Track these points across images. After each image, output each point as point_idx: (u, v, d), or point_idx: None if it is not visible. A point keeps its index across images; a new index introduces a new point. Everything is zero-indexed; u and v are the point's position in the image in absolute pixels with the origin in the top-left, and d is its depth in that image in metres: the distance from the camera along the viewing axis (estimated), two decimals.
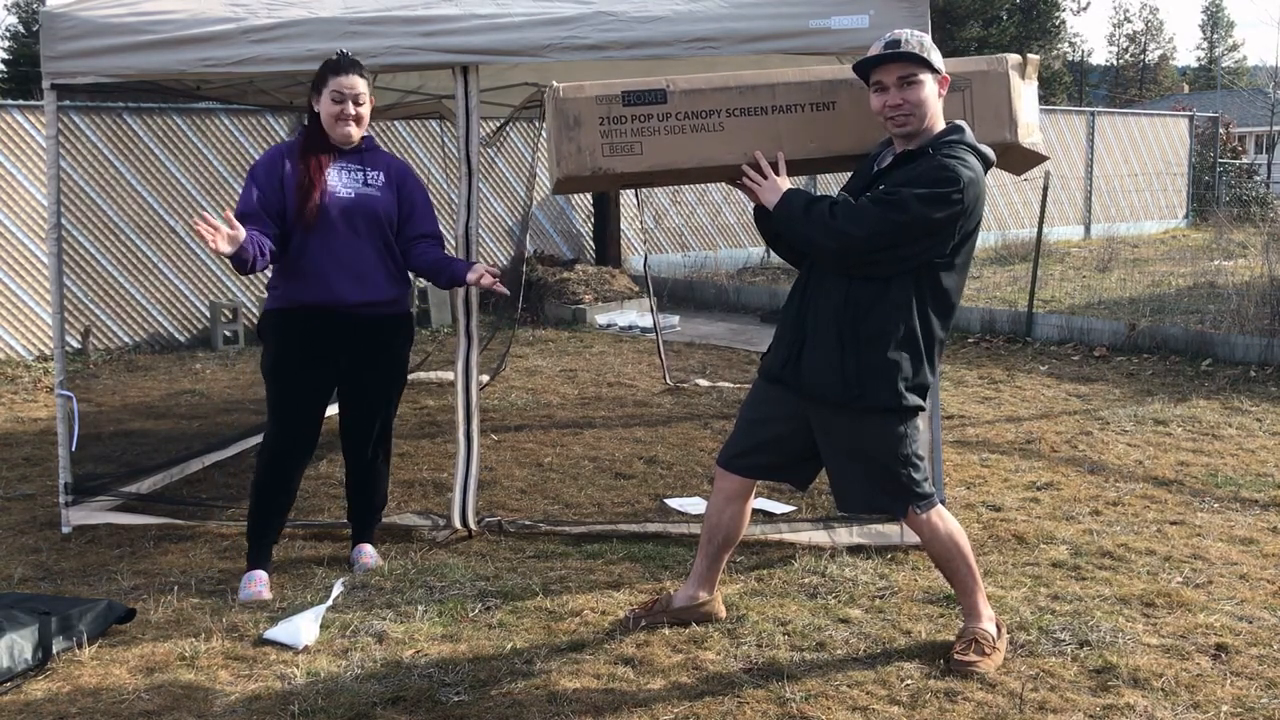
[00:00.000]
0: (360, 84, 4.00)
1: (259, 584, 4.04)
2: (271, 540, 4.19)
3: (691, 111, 3.41)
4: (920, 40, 3.25)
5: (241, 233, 3.71)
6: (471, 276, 3.97)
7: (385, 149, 4.26)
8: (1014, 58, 3.57)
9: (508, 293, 4.17)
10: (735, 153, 3.43)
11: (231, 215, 3.77)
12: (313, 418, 4.15)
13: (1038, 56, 3.63)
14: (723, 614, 3.77)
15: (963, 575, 3.50)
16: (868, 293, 3.27)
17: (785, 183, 3.40)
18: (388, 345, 4.19)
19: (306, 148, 4.04)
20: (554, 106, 3.42)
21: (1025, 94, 3.55)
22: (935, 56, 3.26)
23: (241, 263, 3.77)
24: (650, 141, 3.39)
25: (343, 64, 4.02)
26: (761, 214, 3.49)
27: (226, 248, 3.66)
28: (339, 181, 4.03)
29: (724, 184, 3.62)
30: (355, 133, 4.03)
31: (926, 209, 3.15)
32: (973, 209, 3.23)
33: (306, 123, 4.13)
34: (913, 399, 3.32)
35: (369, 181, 4.08)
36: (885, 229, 3.18)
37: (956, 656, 3.39)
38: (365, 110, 4.03)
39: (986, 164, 3.32)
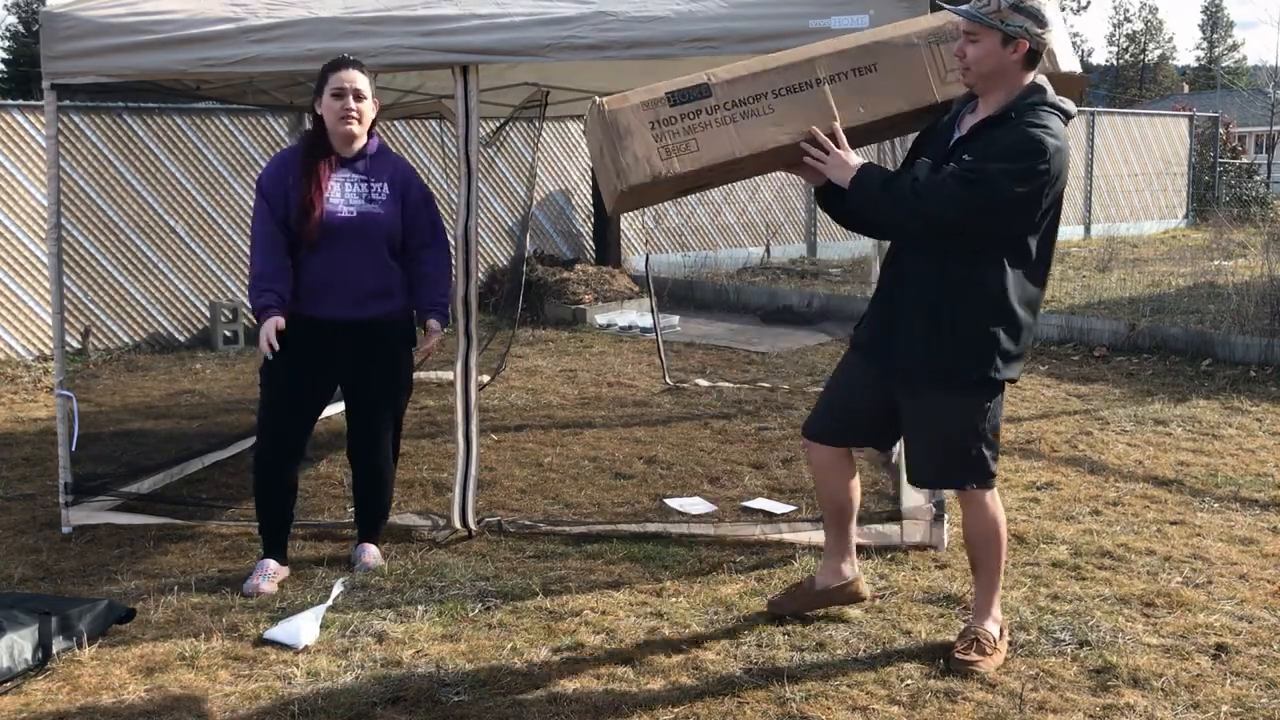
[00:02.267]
0: (360, 78, 3.97)
1: (261, 574, 4.06)
2: (283, 536, 4.23)
3: (738, 99, 3.31)
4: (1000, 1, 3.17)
5: (280, 320, 3.90)
6: (424, 342, 4.17)
7: (395, 151, 4.27)
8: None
9: (425, 357, 4.27)
10: (791, 132, 3.32)
11: (278, 323, 3.90)
12: (303, 424, 4.17)
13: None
14: (867, 594, 3.77)
15: (990, 566, 3.49)
16: (959, 266, 3.24)
17: (853, 156, 3.32)
18: (388, 350, 4.18)
19: (308, 158, 4.01)
20: (601, 120, 3.33)
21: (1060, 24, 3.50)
22: (1014, 18, 3.16)
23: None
24: (704, 136, 3.29)
25: (342, 61, 4.01)
26: (828, 193, 3.44)
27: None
28: (342, 198, 4.00)
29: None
30: (358, 132, 4.01)
31: (1015, 184, 3.12)
32: (1060, 175, 3.19)
33: (310, 127, 4.11)
34: (1006, 371, 3.30)
35: (373, 196, 4.06)
36: (973, 208, 3.15)
37: (957, 655, 3.39)
38: (368, 108, 4.00)
39: (1068, 116, 3.28)
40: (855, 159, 3.32)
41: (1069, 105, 3.30)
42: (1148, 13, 69.98)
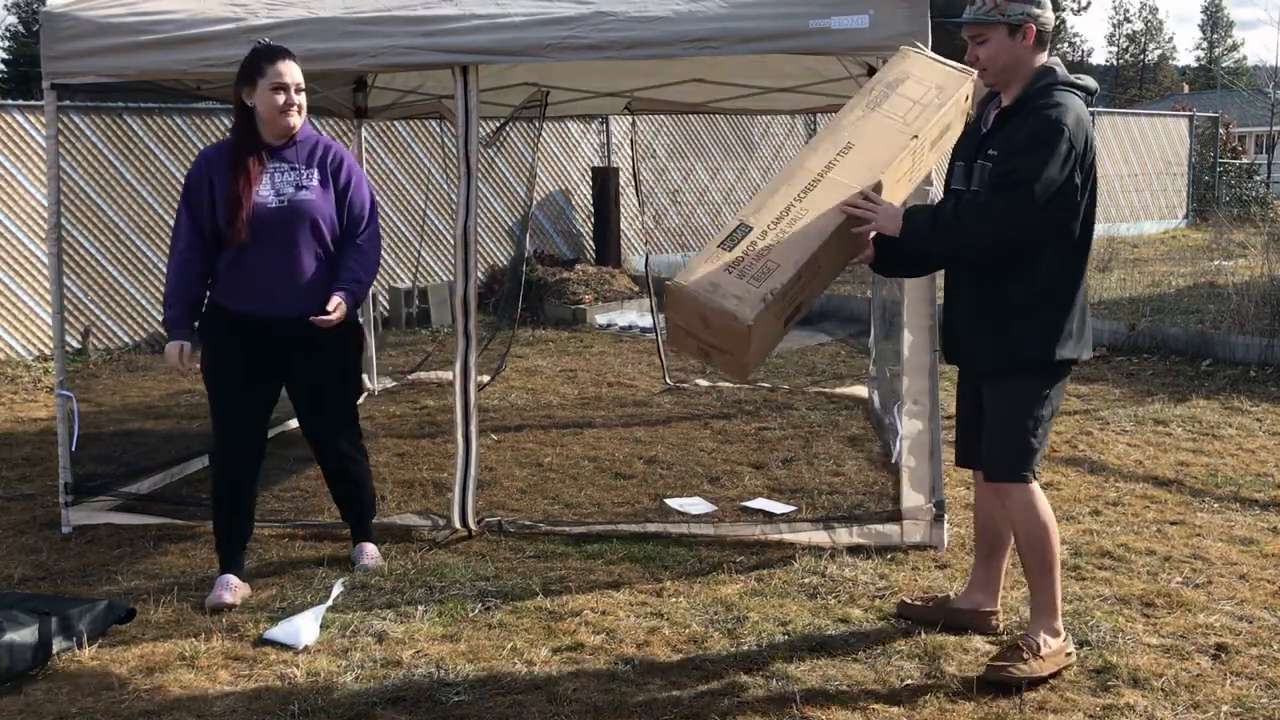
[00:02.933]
0: (298, 70, 3.90)
1: (222, 588, 3.96)
2: (239, 545, 4.13)
3: (775, 218, 3.33)
4: None
5: (186, 345, 3.95)
6: (329, 308, 3.90)
7: (322, 134, 4.14)
8: (905, 45, 3.64)
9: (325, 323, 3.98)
10: (835, 214, 3.29)
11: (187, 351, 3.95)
12: (254, 425, 4.09)
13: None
14: (999, 628, 3.63)
15: (1032, 569, 3.39)
16: (1011, 256, 3.26)
17: (893, 205, 3.28)
18: (331, 345, 4.04)
19: (237, 153, 3.89)
20: (683, 296, 3.29)
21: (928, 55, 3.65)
22: (1012, 7, 3.22)
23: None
24: (774, 253, 3.27)
25: (277, 51, 3.89)
26: (880, 257, 3.43)
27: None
28: (271, 190, 3.89)
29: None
30: (298, 123, 3.93)
31: (1044, 172, 3.11)
32: (1086, 148, 3.19)
33: (234, 121, 3.97)
34: (1064, 351, 3.28)
35: (303, 183, 3.94)
36: (1015, 212, 3.15)
37: (989, 664, 3.30)
38: (304, 99, 3.93)
39: (1089, 93, 3.28)
40: (897, 207, 3.29)
41: (1088, 81, 3.29)
42: (1147, 13, 69.94)
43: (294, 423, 6.48)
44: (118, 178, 9.59)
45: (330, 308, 3.90)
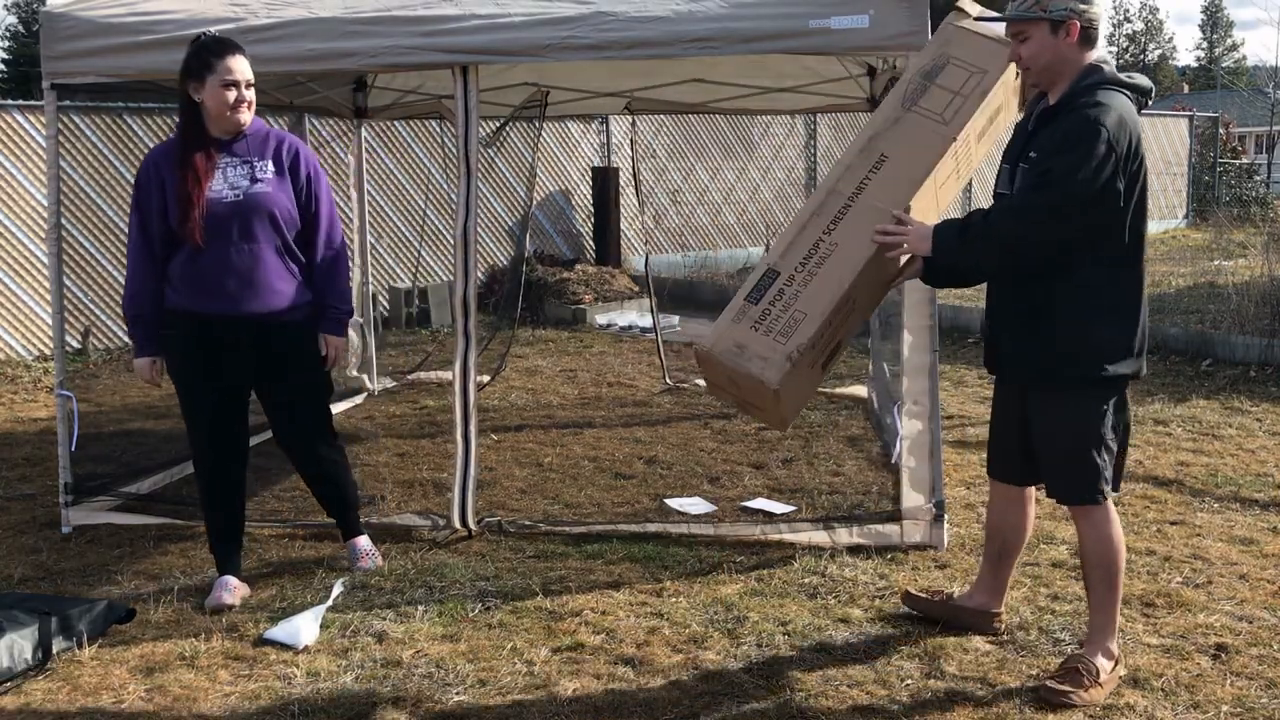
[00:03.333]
0: (248, 66, 3.82)
1: (221, 589, 3.95)
2: (233, 545, 4.10)
3: (802, 259, 3.27)
4: None
5: (160, 361, 3.97)
6: (326, 348, 4.04)
7: (274, 127, 4.05)
8: (954, 15, 3.49)
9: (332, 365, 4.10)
10: (866, 245, 3.25)
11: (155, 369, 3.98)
12: (227, 425, 4.00)
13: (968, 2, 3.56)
14: (1000, 629, 3.61)
15: (1099, 591, 3.29)
16: (1052, 264, 3.14)
17: (923, 225, 3.22)
18: (298, 344, 4.00)
19: (186, 150, 3.80)
20: (712, 359, 3.27)
21: (985, 23, 3.50)
22: (1055, 2, 3.10)
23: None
24: (800, 303, 3.23)
25: (226, 45, 3.80)
26: (928, 264, 3.33)
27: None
28: (225, 183, 3.81)
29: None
30: (248, 119, 3.85)
31: (1079, 173, 3.01)
32: (1131, 152, 3.06)
33: (181, 113, 3.86)
34: (1115, 368, 3.17)
35: (258, 176, 3.84)
36: (1049, 216, 3.06)
37: (1048, 684, 3.20)
38: (253, 95, 3.85)
39: (1140, 92, 3.16)
40: (927, 225, 3.22)
41: (1140, 80, 3.18)
42: (1148, 13, 69.94)
43: None
44: (118, 178, 9.59)
45: (325, 354, 4.04)
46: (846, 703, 3.20)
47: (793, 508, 4.94)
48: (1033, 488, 3.55)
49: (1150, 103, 3.24)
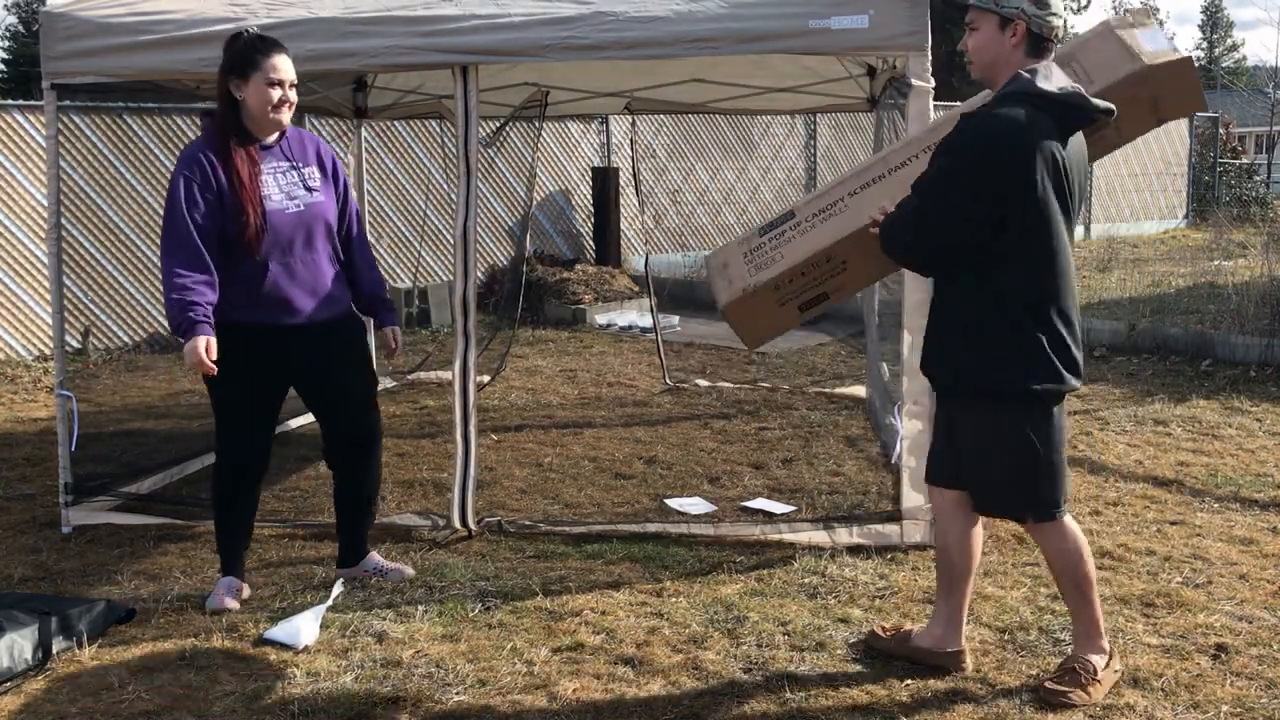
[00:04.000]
0: (292, 67, 3.75)
1: (224, 591, 3.92)
2: (242, 548, 4.07)
3: (817, 210, 3.46)
4: None
5: (212, 339, 3.63)
6: (385, 342, 4.07)
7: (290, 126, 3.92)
8: (1114, 18, 3.44)
9: (391, 353, 4.11)
10: (861, 217, 3.34)
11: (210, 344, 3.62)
12: (269, 432, 3.99)
13: (1148, 6, 3.52)
14: (967, 668, 3.37)
15: (1073, 598, 3.25)
16: (970, 274, 3.08)
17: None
18: (355, 349, 4.01)
19: (229, 151, 3.67)
20: (710, 265, 3.63)
21: (1142, 34, 3.37)
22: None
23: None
24: (788, 248, 3.46)
25: (271, 43, 3.71)
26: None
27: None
28: (279, 191, 3.74)
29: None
30: (288, 120, 3.78)
31: (936, 185, 3.00)
32: (1012, 166, 2.95)
33: (218, 113, 3.76)
34: (1041, 383, 3.08)
35: (309, 184, 3.81)
36: (916, 221, 3.04)
37: (1048, 685, 3.19)
38: (295, 95, 3.79)
39: (1064, 108, 3.00)
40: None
41: (1065, 96, 2.99)
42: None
43: (294, 423, 6.51)
44: (118, 178, 9.59)
45: (393, 346, 4.09)
46: (846, 703, 3.19)
47: (793, 508, 4.94)
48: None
49: (1089, 120, 3.06)
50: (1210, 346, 8.14)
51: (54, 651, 3.51)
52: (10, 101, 9.62)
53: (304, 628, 3.64)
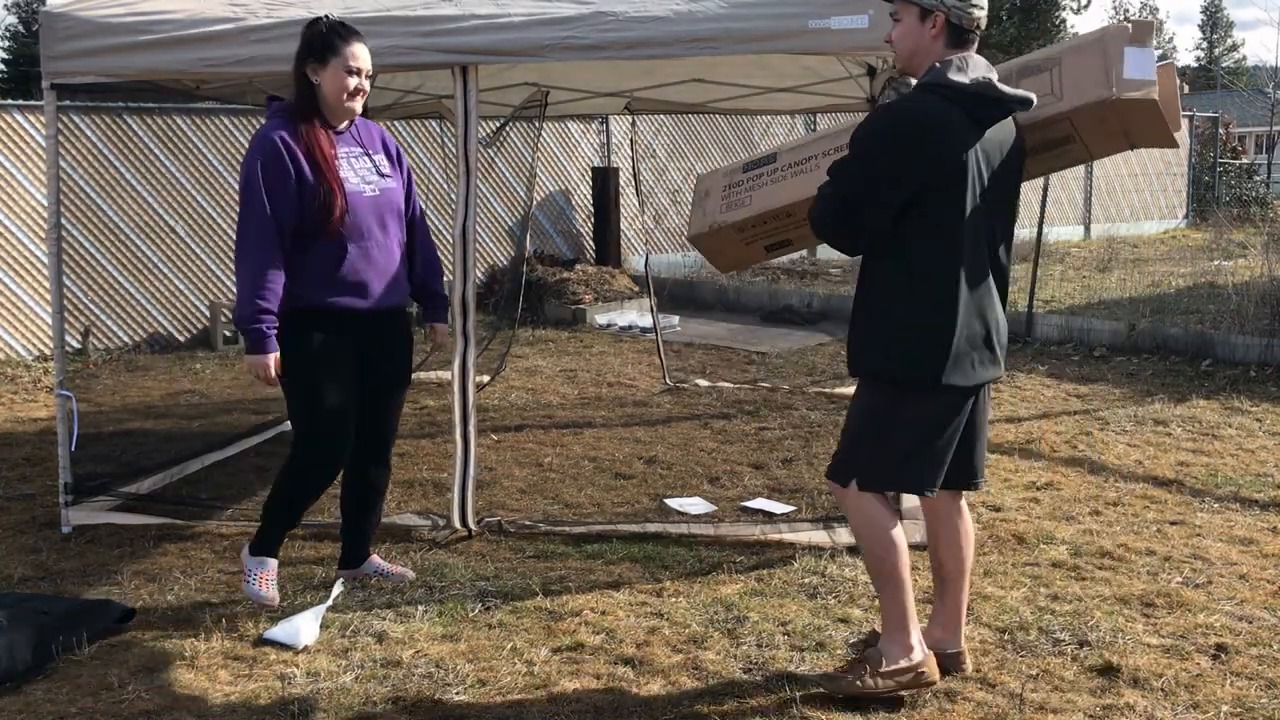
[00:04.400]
0: (369, 58, 3.75)
1: (267, 579, 3.89)
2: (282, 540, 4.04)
3: (794, 161, 3.61)
4: None
5: (277, 355, 3.67)
6: (437, 336, 4.11)
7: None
8: (1116, 26, 3.35)
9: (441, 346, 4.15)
10: (823, 177, 3.34)
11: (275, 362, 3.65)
12: (351, 427, 3.86)
13: (1152, 20, 3.44)
14: (967, 668, 3.35)
15: (872, 578, 3.24)
16: (871, 260, 3.15)
17: None
18: (405, 340, 4.00)
19: (310, 135, 3.64)
20: (695, 190, 3.89)
21: (1132, 55, 3.26)
22: None
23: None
24: (758, 193, 3.63)
25: (351, 30, 3.71)
26: None
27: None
28: (355, 176, 3.73)
29: None
30: (360, 109, 3.78)
31: (848, 170, 3.05)
32: (912, 153, 2.97)
33: (295, 96, 3.71)
34: (909, 371, 3.07)
35: (381, 170, 3.82)
36: (826, 201, 3.09)
37: (834, 670, 3.27)
38: (369, 86, 3.79)
39: (974, 100, 2.98)
40: None
41: (977, 86, 2.98)
42: (1148, 13, 69.87)
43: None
44: (118, 178, 9.59)
45: (439, 342, 4.14)
46: (846, 703, 3.19)
47: (793, 508, 4.94)
48: (961, 501, 3.36)
49: (1006, 112, 3.05)
50: (1210, 346, 8.14)
51: (54, 651, 3.50)
52: (10, 101, 9.62)
53: (304, 628, 3.64)
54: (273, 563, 3.97)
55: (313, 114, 3.71)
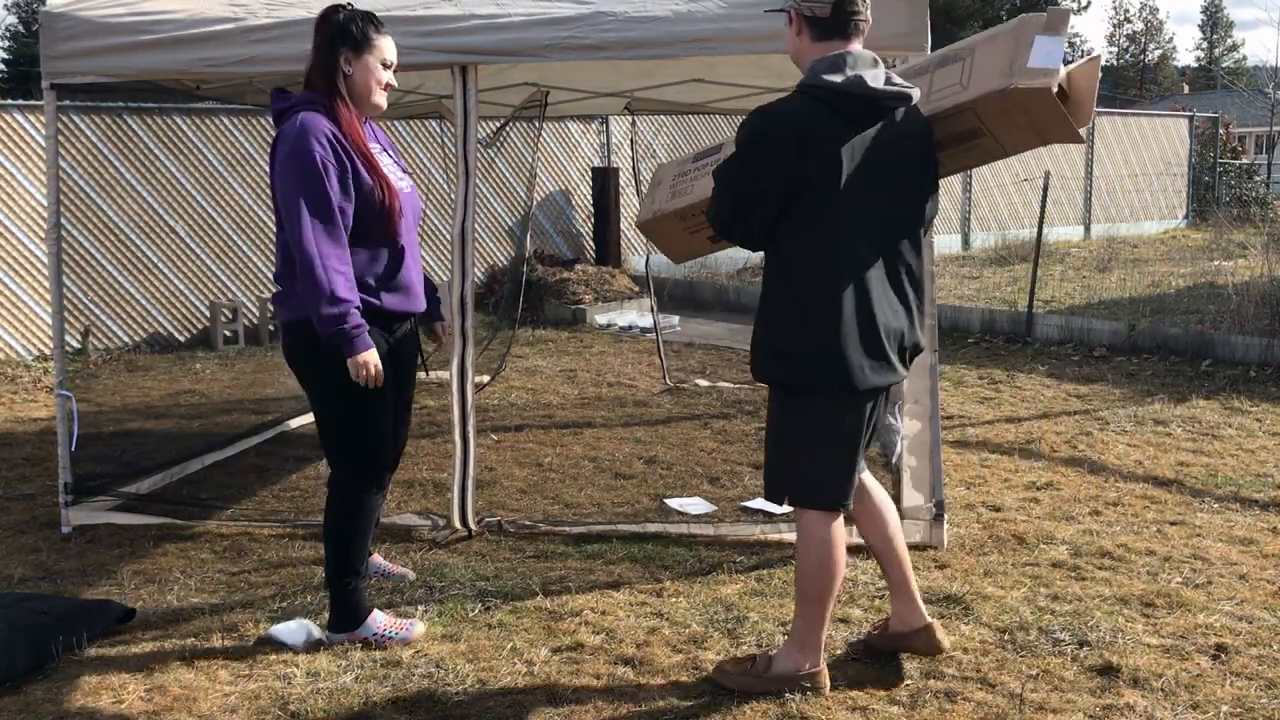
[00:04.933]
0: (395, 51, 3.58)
1: (392, 624, 3.63)
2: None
3: None
4: None
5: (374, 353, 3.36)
6: (436, 334, 3.99)
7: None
8: (1032, 15, 3.30)
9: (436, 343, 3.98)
10: None
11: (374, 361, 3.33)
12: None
13: (1066, 9, 3.39)
14: (943, 644, 3.38)
15: (799, 594, 3.22)
16: (767, 263, 3.16)
17: None
18: (418, 340, 3.82)
19: (354, 126, 3.39)
20: (653, 177, 3.95)
21: (1042, 44, 3.20)
22: None
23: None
24: (700, 182, 3.64)
25: (381, 23, 3.52)
26: None
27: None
28: (393, 173, 3.51)
29: None
30: (385, 105, 3.59)
31: (728, 171, 3.07)
32: (776, 154, 2.97)
33: (332, 85, 3.43)
34: (791, 375, 3.07)
35: (402, 167, 3.66)
36: (720, 201, 3.11)
37: (727, 659, 3.35)
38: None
39: (843, 99, 2.96)
40: None
41: (847, 85, 2.95)
42: (1148, 13, 69.93)
43: (294, 423, 6.51)
44: (118, 178, 9.59)
45: (443, 339, 4.04)
46: (846, 703, 3.19)
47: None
48: (865, 478, 3.38)
49: (881, 109, 3.00)
50: (1210, 346, 8.14)
51: (54, 652, 3.50)
52: (10, 101, 9.62)
53: (304, 628, 3.64)
54: (377, 615, 3.64)
55: (348, 106, 3.44)
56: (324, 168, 3.29)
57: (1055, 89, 3.13)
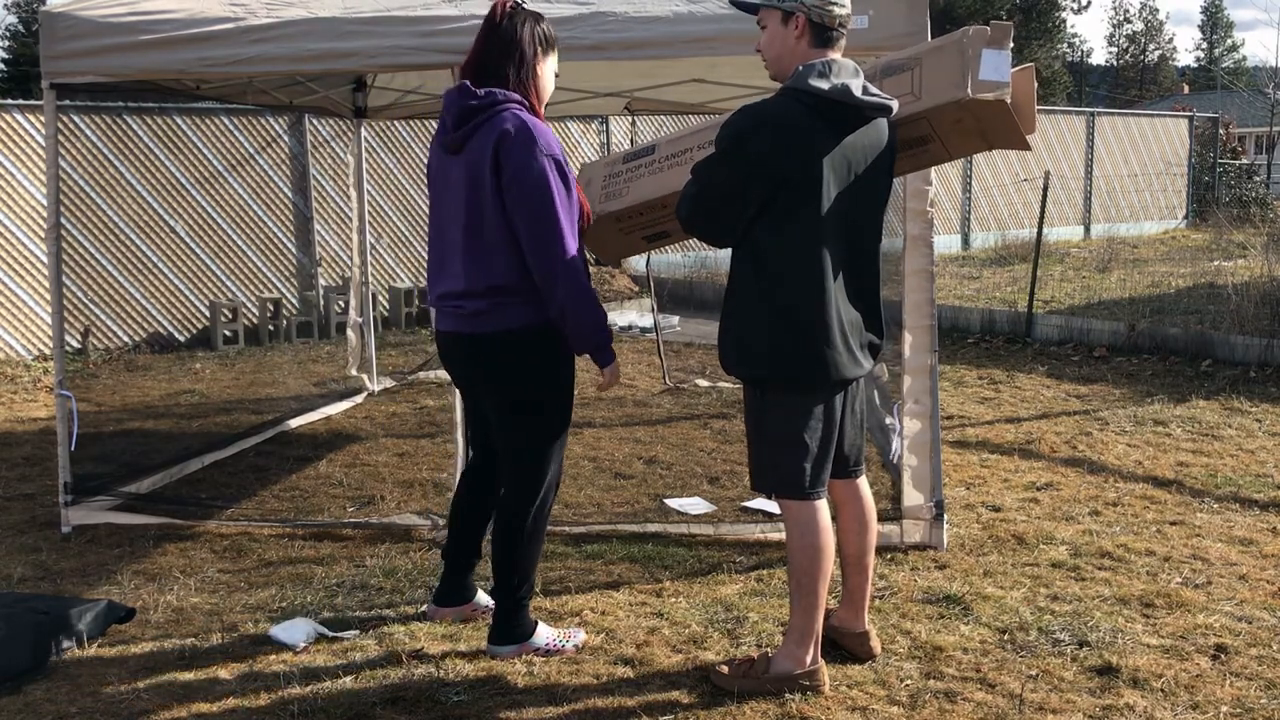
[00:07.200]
0: None
1: (561, 633, 3.57)
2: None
3: (671, 154, 3.62)
4: None
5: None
6: None
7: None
8: (976, 29, 3.37)
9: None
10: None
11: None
12: None
13: (1009, 23, 3.46)
14: (875, 651, 3.44)
15: (795, 586, 3.21)
16: (735, 259, 3.18)
17: None
18: None
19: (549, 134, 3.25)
20: (578, 176, 3.69)
21: (989, 57, 3.30)
22: None
23: None
24: (635, 184, 3.65)
25: None
26: None
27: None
28: None
29: None
30: None
31: (708, 170, 3.07)
32: (759, 154, 2.99)
33: (540, 87, 3.32)
34: (758, 368, 3.12)
35: None
36: (697, 199, 3.11)
37: (730, 659, 3.35)
38: None
39: (828, 105, 3.00)
40: None
41: (832, 91, 2.99)
42: (1148, 13, 69.97)
43: (294, 423, 6.52)
44: (118, 178, 9.60)
45: None
46: (846, 703, 3.19)
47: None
48: (860, 486, 3.40)
49: (864, 117, 3.06)
50: (1210, 347, 8.15)
51: (54, 651, 3.50)
52: (10, 101, 9.62)
53: (304, 628, 3.64)
54: (542, 627, 3.55)
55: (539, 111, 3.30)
56: (561, 179, 3.21)
57: (1008, 100, 3.24)
